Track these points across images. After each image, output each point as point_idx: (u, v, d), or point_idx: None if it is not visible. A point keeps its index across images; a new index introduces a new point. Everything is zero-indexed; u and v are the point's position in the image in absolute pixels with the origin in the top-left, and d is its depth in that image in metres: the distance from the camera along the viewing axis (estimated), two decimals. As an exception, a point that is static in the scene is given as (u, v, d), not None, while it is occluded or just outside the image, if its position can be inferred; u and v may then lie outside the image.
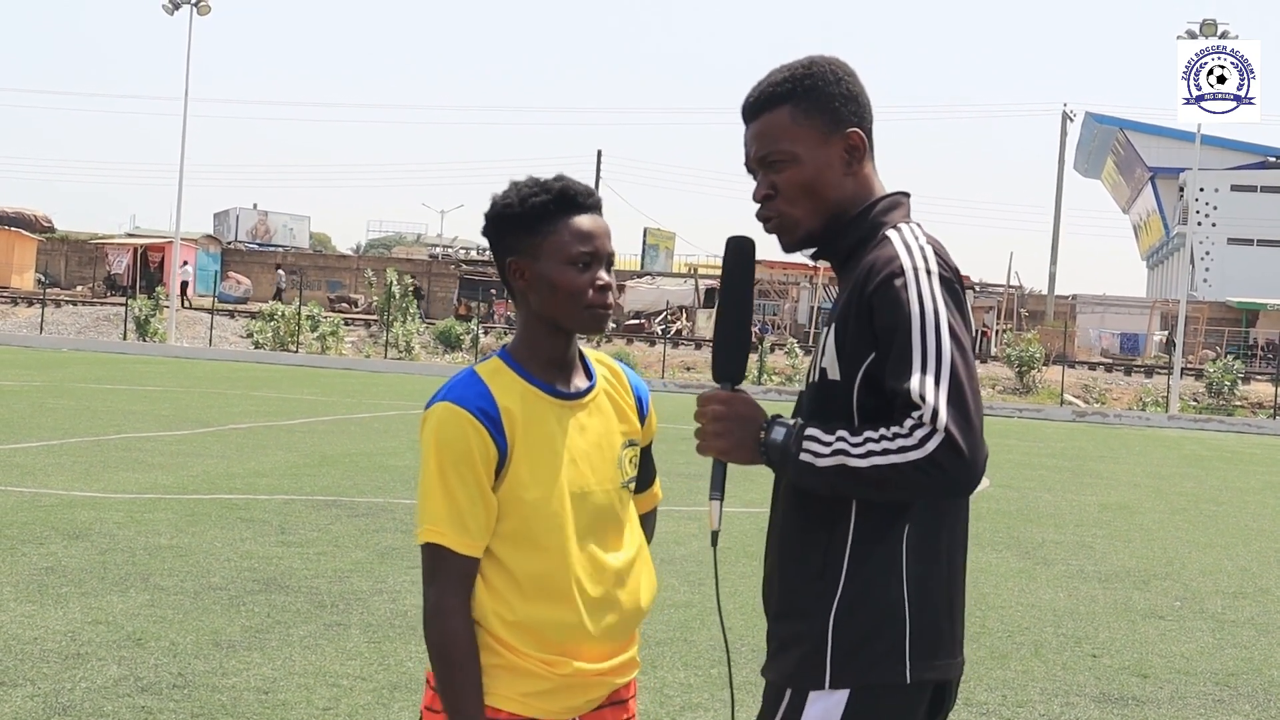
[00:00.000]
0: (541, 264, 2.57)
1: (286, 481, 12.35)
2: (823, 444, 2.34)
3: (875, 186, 2.56)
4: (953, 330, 2.34)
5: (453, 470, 2.50)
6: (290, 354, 40.09)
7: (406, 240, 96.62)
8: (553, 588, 2.55)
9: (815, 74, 2.53)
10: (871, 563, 2.40)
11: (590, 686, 2.61)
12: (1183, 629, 8.32)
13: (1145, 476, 18.60)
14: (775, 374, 38.87)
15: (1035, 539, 11.67)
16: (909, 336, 2.33)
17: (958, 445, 2.26)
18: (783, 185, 2.53)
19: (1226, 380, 37.64)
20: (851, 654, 2.38)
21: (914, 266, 2.38)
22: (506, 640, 2.54)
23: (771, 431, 2.41)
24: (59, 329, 43.91)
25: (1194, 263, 66.09)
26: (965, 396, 2.30)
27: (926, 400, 2.28)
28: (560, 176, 2.63)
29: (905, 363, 2.32)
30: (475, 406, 2.51)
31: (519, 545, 2.55)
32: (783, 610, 2.50)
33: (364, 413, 21.38)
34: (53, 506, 10.18)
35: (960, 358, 2.33)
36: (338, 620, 7.15)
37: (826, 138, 2.51)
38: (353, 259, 67.68)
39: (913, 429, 2.28)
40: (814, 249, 2.62)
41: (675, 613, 7.69)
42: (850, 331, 2.41)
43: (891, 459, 2.28)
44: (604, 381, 2.72)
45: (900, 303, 2.35)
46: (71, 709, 5.45)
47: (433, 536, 2.50)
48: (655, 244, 71.57)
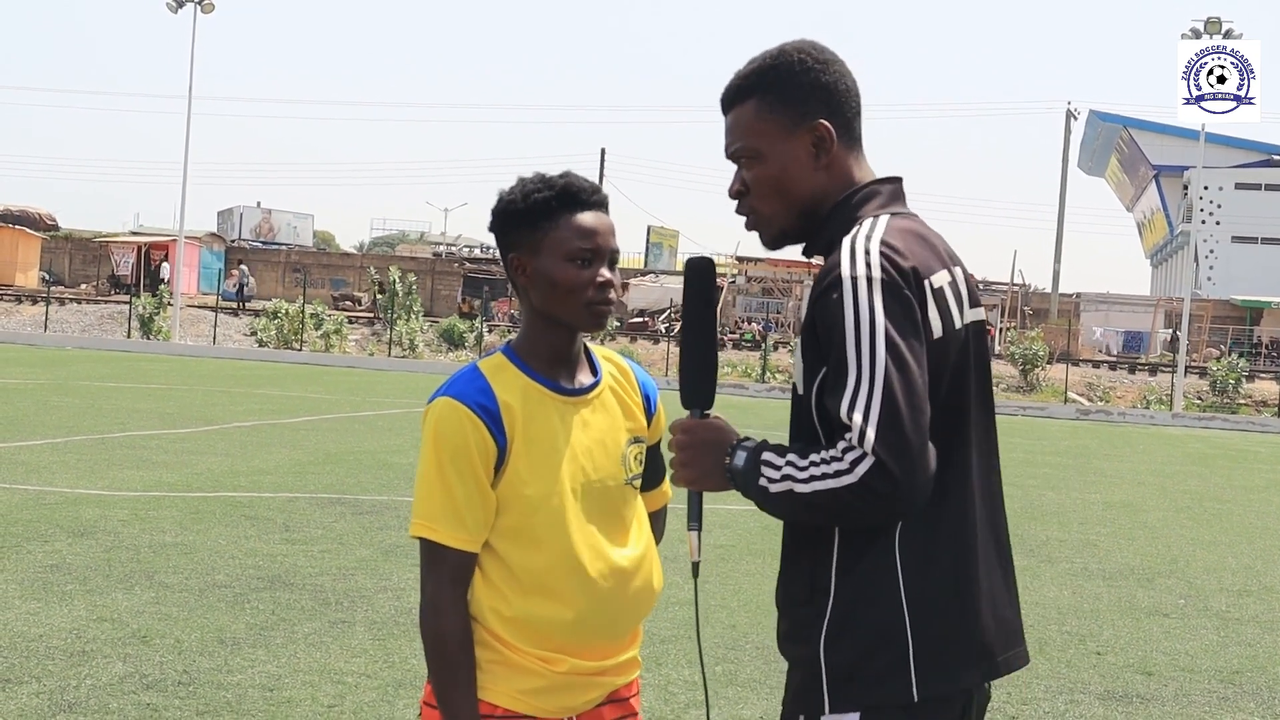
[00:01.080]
0: (542, 260, 2.57)
1: (291, 479, 12.36)
2: (774, 468, 2.27)
3: (854, 177, 2.45)
4: (890, 341, 2.21)
5: (451, 465, 2.49)
6: (294, 352, 40.10)
7: (410, 238, 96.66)
8: (551, 584, 2.54)
9: (781, 65, 2.44)
10: (858, 580, 2.30)
11: (588, 686, 2.60)
12: (1187, 627, 8.32)
13: (1149, 474, 18.59)
14: (779, 373, 38.84)
15: (1039, 537, 11.66)
16: (844, 351, 2.22)
17: (887, 469, 2.16)
18: (751, 182, 2.46)
19: (1230, 378, 37.62)
20: (847, 678, 2.29)
21: (853, 275, 2.25)
22: (503, 636, 2.53)
23: (735, 456, 2.32)
24: (63, 327, 43.95)
25: (1198, 261, 66.00)
26: (899, 414, 2.18)
27: (854, 423, 2.18)
28: (566, 173, 2.63)
29: (840, 381, 2.22)
30: (475, 402, 2.51)
31: (518, 541, 2.54)
32: (783, 631, 2.43)
33: (368, 410, 21.40)
34: (58, 504, 10.19)
35: (897, 371, 2.20)
36: (342, 618, 7.15)
37: (791, 132, 2.42)
38: (356, 257, 67.73)
39: (845, 451, 2.19)
40: (803, 244, 2.54)
41: (680, 610, 7.70)
42: (808, 343, 2.33)
43: (829, 484, 2.19)
44: (610, 378, 2.71)
45: (836, 316, 2.24)
46: (77, 706, 5.46)
47: (424, 531, 2.51)
48: (659, 242, 71.59)
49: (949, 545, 2.35)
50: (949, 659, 2.31)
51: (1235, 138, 68.62)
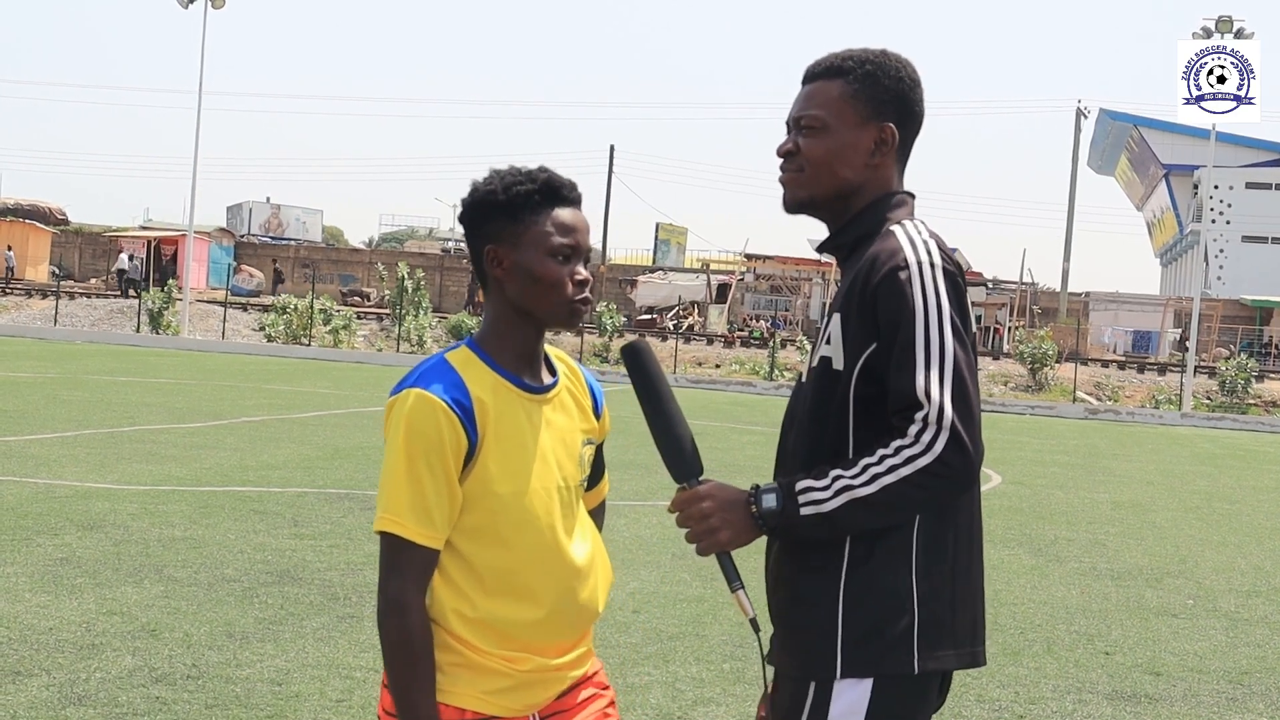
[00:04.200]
0: (522, 253, 2.54)
1: (299, 474, 12.38)
2: (820, 489, 2.36)
3: (891, 185, 2.60)
4: (955, 326, 2.36)
5: (422, 460, 2.44)
6: (303, 347, 40.14)
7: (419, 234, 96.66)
8: (517, 584, 2.51)
9: (881, 63, 2.60)
10: (879, 552, 2.40)
11: (550, 682, 2.59)
12: (1195, 627, 8.30)
13: (1158, 474, 18.57)
14: (787, 369, 38.82)
15: (1047, 536, 11.65)
16: (912, 332, 2.35)
17: (963, 441, 2.30)
18: (805, 148, 2.58)
19: (1240, 378, 37.53)
20: (862, 641, 2.39)
21: (918, 260, 2.41)
22: (466, 638, 2.49)
23: (763, 502, 2.42)
24: (73, 321, 44.02)
25: (1208, 260, 65.91)
26: (968, 392, 2.34)
27: (932, 398, 2.31)
28: (543, 168, 2.61)
29: (909, 359, 2.34)
30: (450, 396, 2.47)
31: (483, 540, 2.51)
32: (788, 597, 2.51)
33: (376, 406, 21.40)
34: (67, 498, 10.21)
35: (962, 353, 2.36)
36: (350, 612, 7.16)
37: (863, 122, 2.56)
38: (365, 253, 67.80)
39: (919, 434, 2.30)
40: (819, 242, 2.68)
41: (687, 607, 7.70)
42: (853, 321, 2.42)
43: (900, 473, 2.31)
44: (564, 378, 2.69)
45: (904, 296, 2.37)
46: (87, 699, 5.47)
47: (392, 526, 2.44)
48: (667, 239, 71.51)
49: (955, 536, 2.47)
50: (942, 640, 2.44)
51: (1246, 137, 68.48)
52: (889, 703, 2.39)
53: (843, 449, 2.43)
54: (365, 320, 46.30)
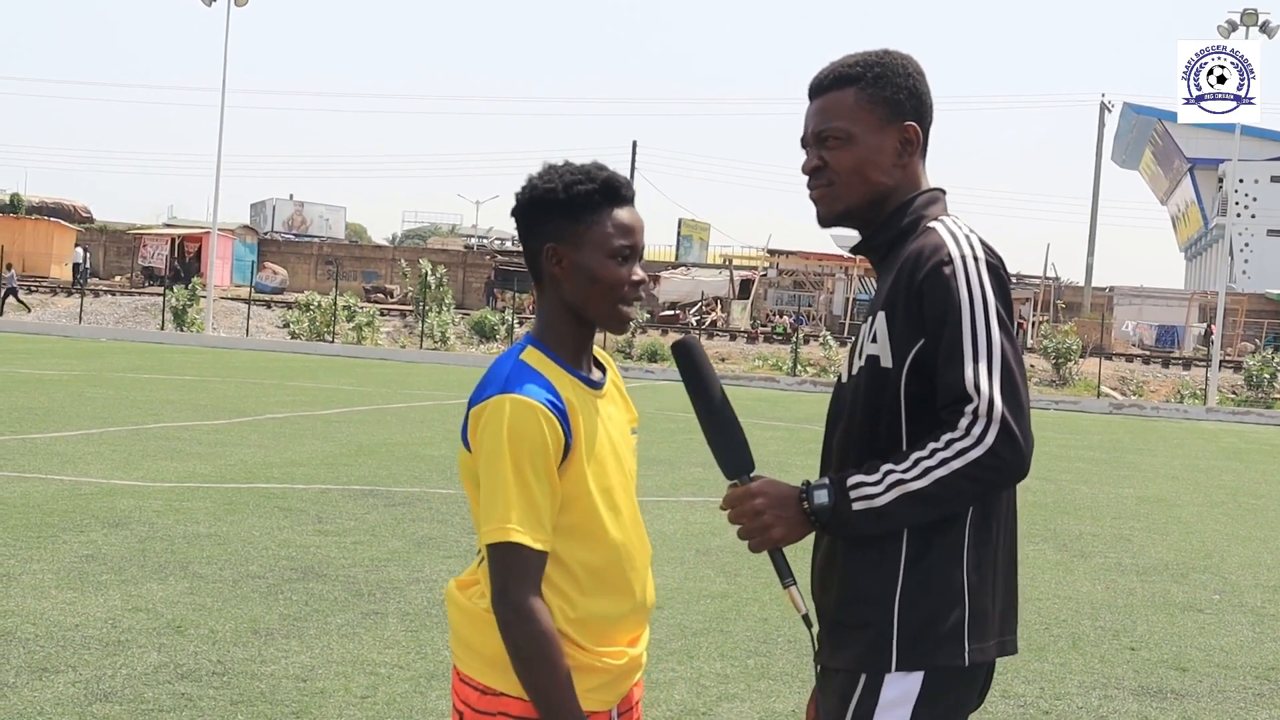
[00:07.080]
0: (583, 253, 2.53)
1: (323, 471, 12.41)
2: (872, 484, 2.37)
3: (920, 183, 2.60)
4: (1001, 318, 2.37)
5: (528, 464, 2.42)
6: (326, 344, 40.23)
7: (442, 231, 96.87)
8: (609, 579, 2.54)
9: (887, 64, 2.59)
10: (935, 548, 2.42)
11: (634, 670, 2.62)
12: (1222, 622, 8.26)
13: (1183, 469, 18.47)
14: (810, 365, 38.75)
15: (1073, 531, 11.61)
16: (959, 325, 2.36)
17: (1013, 432, 2.30)
18: (833, 161, 2.58)
19: (1265, 373, 37.29)
20: (917, 636, 2.40)
21: (962, 254, 2.41)
22: (572, 637, 2.50)
23: (815, 497, 2.43)
24: (98, 319, 44.22)
25: (1233, 254, 65.50)
26: (1017, 384, 2.34)
27: (981, 391, 2.31)
28: (600, 165, 2.60)
29: (957, 353, 2.35)
30: (544, 398, 2.46)
31: (578, 538, 2.51)
32: (844, 597, 2.50)
33: (400, 403, 21.45)
34: (93, 495, 10.26)
35: (1009, 346, 2.36)
36: (375, 609, 7.18)
37: (884, 125, 2.56)
38: (388, 249, 67.94)
39: (969, 427, 2.31)
40: (853, 244, 2.68)
41: (712, 603, 7.70)
42: (899, 318, 2.43)
43: (952, 466, 2.31)
44: (608, 370, 2.72)
45: (950, 290, 2.37)
46: (113, 695, 5.50)
47: (510, 535, 2.41)
48: (690, 235, 71.53)
49: (999, 529, 2.49)
50: (987, 632, 2.46)
51: (1272, 130, 68.06)
52: (938, 693, 2.41)
53: (897, 447, 2.44)
54: (388, 317, 46.39)
